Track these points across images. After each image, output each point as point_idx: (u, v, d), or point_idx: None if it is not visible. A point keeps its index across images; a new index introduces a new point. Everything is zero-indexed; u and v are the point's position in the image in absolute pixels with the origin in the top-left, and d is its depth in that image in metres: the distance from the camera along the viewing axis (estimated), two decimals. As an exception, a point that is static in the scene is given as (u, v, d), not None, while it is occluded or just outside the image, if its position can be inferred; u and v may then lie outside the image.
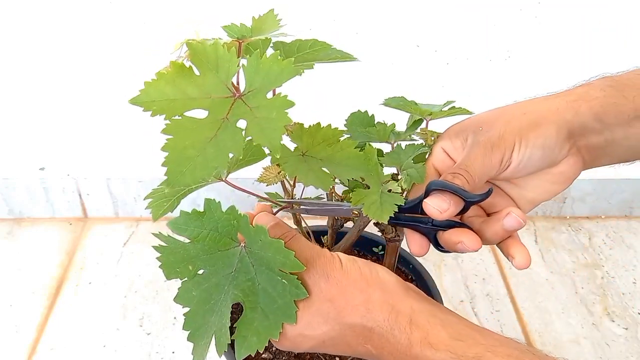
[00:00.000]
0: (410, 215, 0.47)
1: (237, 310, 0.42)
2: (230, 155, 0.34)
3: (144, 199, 0.46)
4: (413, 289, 0.43)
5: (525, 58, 0.92)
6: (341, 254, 0.43)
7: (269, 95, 0.36)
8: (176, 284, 0.45)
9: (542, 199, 0.48)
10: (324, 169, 0.44)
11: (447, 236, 0.45)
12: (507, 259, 0.46)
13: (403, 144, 0.54)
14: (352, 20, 0.86)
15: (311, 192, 0.63)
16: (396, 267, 0.63)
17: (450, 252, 0.47)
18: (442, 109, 0.54)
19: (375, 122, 0.57)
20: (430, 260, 0.97)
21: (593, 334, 0.86)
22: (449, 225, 0.46)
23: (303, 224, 0.56)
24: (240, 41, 0.40)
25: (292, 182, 0.51)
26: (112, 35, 0.87)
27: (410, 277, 0.73)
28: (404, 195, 0.49)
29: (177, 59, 0.38)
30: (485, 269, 0.97)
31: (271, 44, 0.46)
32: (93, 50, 0.88)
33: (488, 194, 0.43)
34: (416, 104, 0.55)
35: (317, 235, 0.59)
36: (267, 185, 0.48)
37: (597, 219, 1.10)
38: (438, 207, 0.43)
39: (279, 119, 0.34)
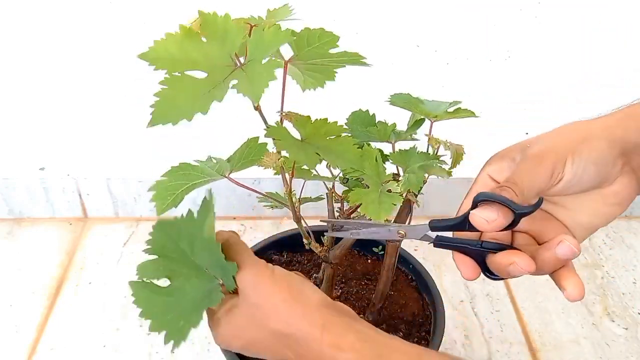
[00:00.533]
0: (458, 237, 0.46)
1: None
2: (213, 102, 0.36)
3: (148, 191, 0.46)
4: (338, 309, 0.44)
5: (525, 58, 0.92)
6: (278, 268, 0.45)
7: (265, 60, 0.38)
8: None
9: (598, 223, 0.46)
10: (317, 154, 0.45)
11: (499, 259, 0.43)
12: (560, 289, 0.44)
13: (418, 147, 0.53)
14: (352, 20, 0.86)
15: (311, 190, 0.63)
16: (396, 267, 0.63)
17: (500, 278, 0.45)
18: (448, 110, 0.53)
19: (376, 122, 0.57)
20: (430, 260, 0.97)
21: (593, 334, 0.86)
22: (500, 248, 0.44)
23: (303, 224, 0.56)
24: (253, 25, 0.41)
25: (290, 173, 0.51)
26: (112, 35, 0.87)
27: (410, 277, 0.73)
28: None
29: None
30: (485, 269, 0.97)
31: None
32: (93, 50, 0.88)
33: (538, 204, 0.41)
34: (422, 101, 0.54)
35: (317, 235, 0.59)
36: (264, 169, 0.48)
37: (597, 219, 1.10)
38: (486, 217, 0.41)
39: (266, 75, 0.37)
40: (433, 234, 0.46)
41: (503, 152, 0.48)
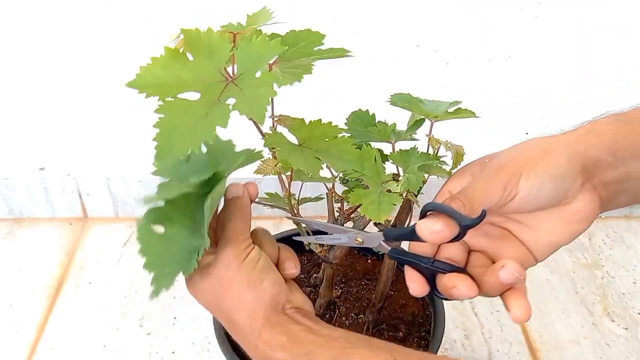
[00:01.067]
0: (412, 252, 0.47)
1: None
2: (218, 128, 0.35)
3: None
4: (292, 306, 0.46)
5: (525, 58, 0.92)
6: (254, 252, 0.46)
7: (258, 74, 0.38)
8: (176, 284, 0.45)
9: (560, 240, 0.46)
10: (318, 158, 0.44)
11: (445, 280, 0.44)
12: (507, 310, 0.44)
13: (418, 148, 0.53)
14: (352, 20, 0.86)
15: (310, 190, 0.63)
16: (396, 267, 0.63)
17: (447, 299, 0.45)
18: (448, 110, 0.53)
19: (376, 122, 0.57)
20: (430, 260, 0.97)
21: (593, 334, 0.86)
22: (450, 269, 0.45)
23: (303, 225, 0.56)
24: (235, 33, 0.41)
25: (289, 177, 0.51)
26: (112, 35, 0.87)
27: (410, 277, 0.73)
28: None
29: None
30: (485, 269, 0.97)
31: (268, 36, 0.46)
32: (93, 50, 0.88)
33: (482, 216, 0.41)
34: (422, 101, 0.54)
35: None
36: (263, 176, 0.48)
37: (597, 218, 1.09)
38: (430, 228, 0.41)
39: (265, 93, 0.36)
40: (389, 244, 0.47)
41: (464, 168, 0.48)
